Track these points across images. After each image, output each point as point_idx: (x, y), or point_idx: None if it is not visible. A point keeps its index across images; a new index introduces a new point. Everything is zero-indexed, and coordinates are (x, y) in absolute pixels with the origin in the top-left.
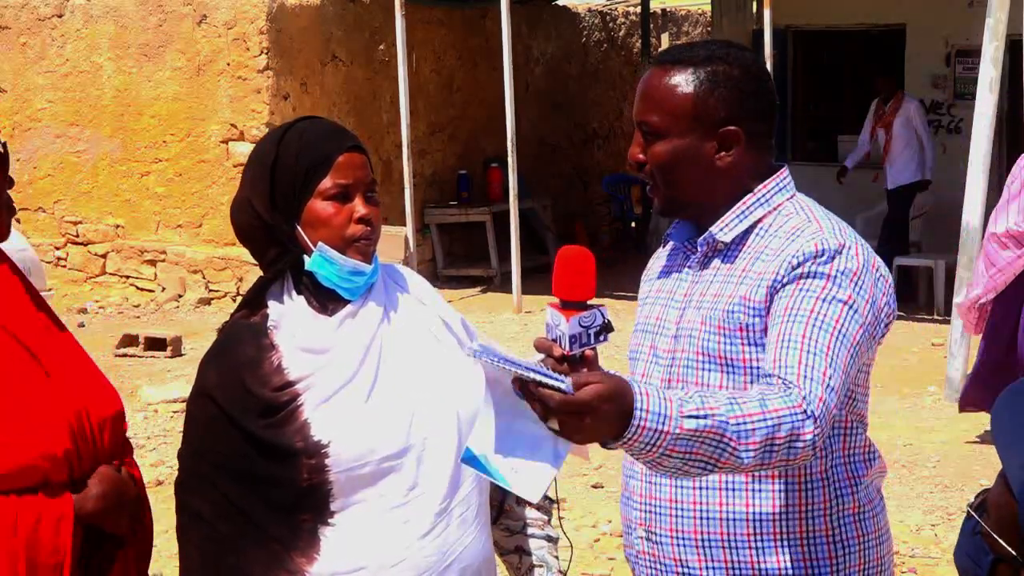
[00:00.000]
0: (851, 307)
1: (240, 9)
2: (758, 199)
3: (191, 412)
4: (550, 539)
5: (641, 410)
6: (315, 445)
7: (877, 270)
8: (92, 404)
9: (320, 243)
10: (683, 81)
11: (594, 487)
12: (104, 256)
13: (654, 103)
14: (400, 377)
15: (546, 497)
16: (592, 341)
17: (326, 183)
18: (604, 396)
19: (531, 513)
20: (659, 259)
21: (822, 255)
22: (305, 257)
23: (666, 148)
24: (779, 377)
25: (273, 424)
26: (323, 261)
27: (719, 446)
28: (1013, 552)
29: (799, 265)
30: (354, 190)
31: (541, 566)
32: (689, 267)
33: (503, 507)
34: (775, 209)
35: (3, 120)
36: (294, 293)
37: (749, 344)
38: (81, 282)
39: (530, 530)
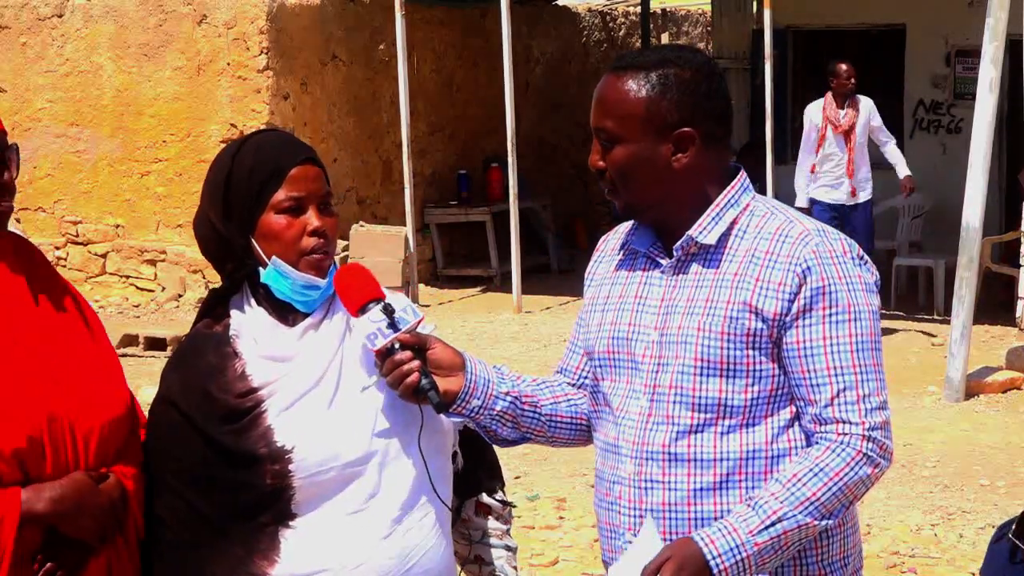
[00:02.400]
0: (872, 311)
1: (240, 9)
2: (728, 200)
3: (153, 419)
4: (509, 549)
5: (714, 557)
6: (279, 451)
7: (861, 256)
8: (75, 408)
9: (274, 257)
10: (635, 86)
11: (594, 487)
12: (104, 256)
13: (609, 109)
14: (362, 387)
15: (505, 503)
16: (396, 329)
17: (279, 196)
18: (678, 566)
19: (491, 523)
20: (603, 262)
21: (825, 260)
22: (261, 270)
23: (623, 153)
24: (838, 421)
25: (236, 430)
26: (277, 275)
27: (801, 532)
28: None
29: (806, 276)
30: (307, 202)
31: (499, 574)
32: (662, 272)
33: (460, 515)
34: (745, 210)
35: (3, 120)
36: (254, 303)
37: (754, 348)
38: (81, 282)
39: (489, 539)
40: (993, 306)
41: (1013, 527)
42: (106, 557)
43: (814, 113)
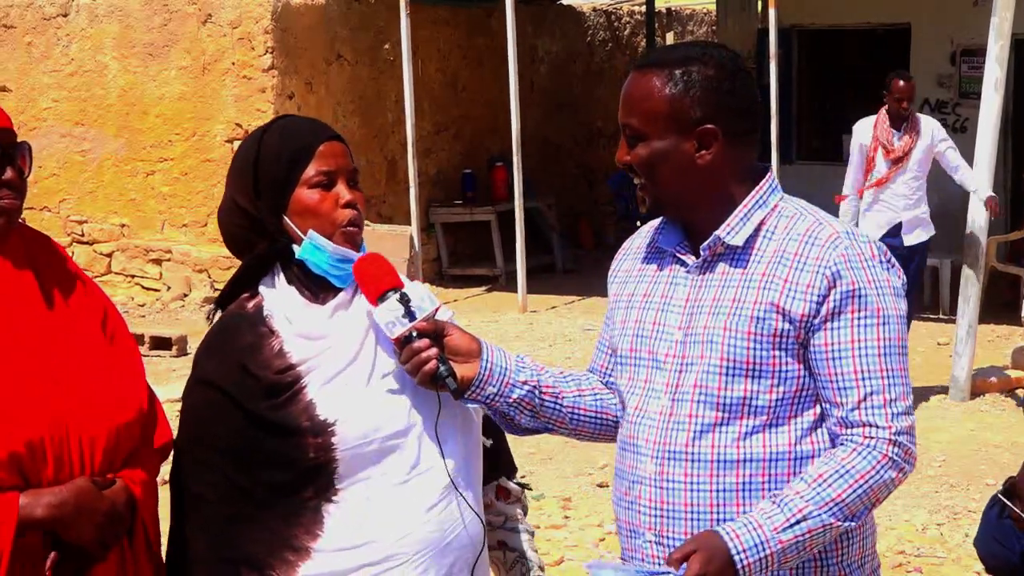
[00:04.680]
0: (900, 315)
1: (245, 8)
2: (756, 201)
3: (189, 402)
4: (529, 532)
5: (739, 552)
6: (322, 424)
7: (888, 259)
8: (81, 412)
9: (310, 231)
10: (659, 83)
11: (599, 486)
12: (109, 255)
13: (633, 106)
14: (396, 364)
15: (523, 487)
16: (412, 317)
17: (309, 171)
18: (706, 559)
19: (510, 509)
20: (629, 259)
21: (854, 264)
22: (295, 247)
23: (647, 150)
24: (865, 424)
25: (278, 405)
26: (313, 249)
27: (824, 532)
28: None
29: (835, 280)
30: (337, 176)
31: (525, 560)
32: (687, 271)
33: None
34: (773, 210)
35: None
36: (285, 282)
37: (780, 349)
38: None
39: (510, 524)
40: (998, 305)
41: (1001, 488)
42: (115, 564)
43: (862, 132)
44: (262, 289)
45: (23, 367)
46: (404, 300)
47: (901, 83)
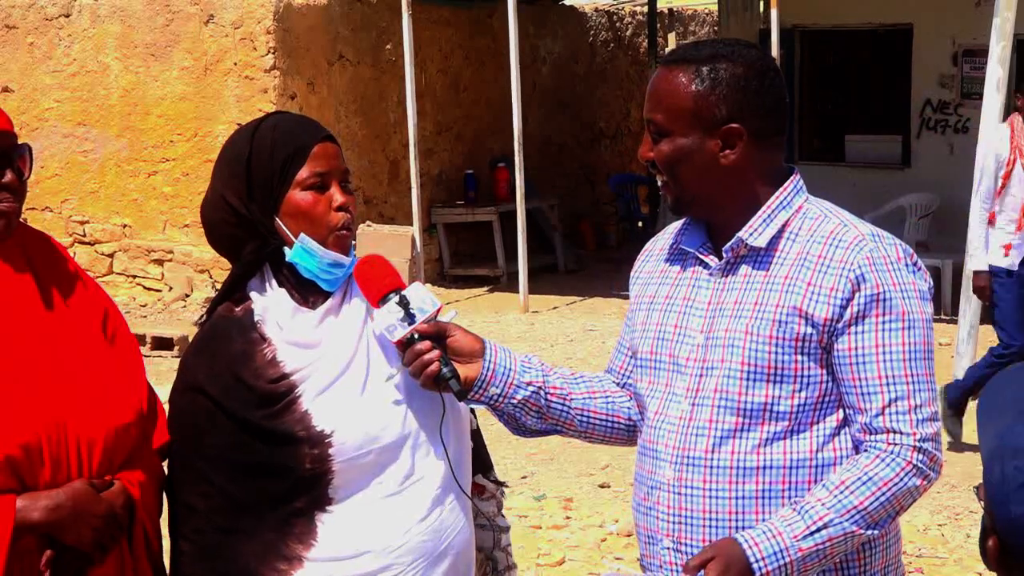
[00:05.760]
0: (926, 319)
1: (247, 9)
2: (780, 202)
3: (179, 408)
4: (504, 530)
5: (757, 560)
6: (318, 435)
7: (915, 262)
8: (79, 414)
9: (302, 234)
10: (686, 80)
11: (601, 487)
12: (111, 256)
13: (659, 102)
14: (387, 377)
15: (498, 484)
16: (413, 320)
17: (303, 173)
18: (724, 567)
19: (484, 506)
20: (651, 261)
21: (879, 267)
22: (285, 249)
23: (670, 147)
24: (889, 431)
25: (272, 414)
26: (304, 253)
27: (846, 541)
28: (989, 520)
29: (860, 283)
30: (330, 179)
31: (492, 560)
32: (710, 274)
33: None
34: (798, 212)
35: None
36: (275, 286)
37: (802, 354)
38: None
39: (480, 521)
40: None
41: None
42: (113, 566)
43: (999, 140)
44: (252, 292)
45: (21, 369)
46: (404, 303)
47: None
